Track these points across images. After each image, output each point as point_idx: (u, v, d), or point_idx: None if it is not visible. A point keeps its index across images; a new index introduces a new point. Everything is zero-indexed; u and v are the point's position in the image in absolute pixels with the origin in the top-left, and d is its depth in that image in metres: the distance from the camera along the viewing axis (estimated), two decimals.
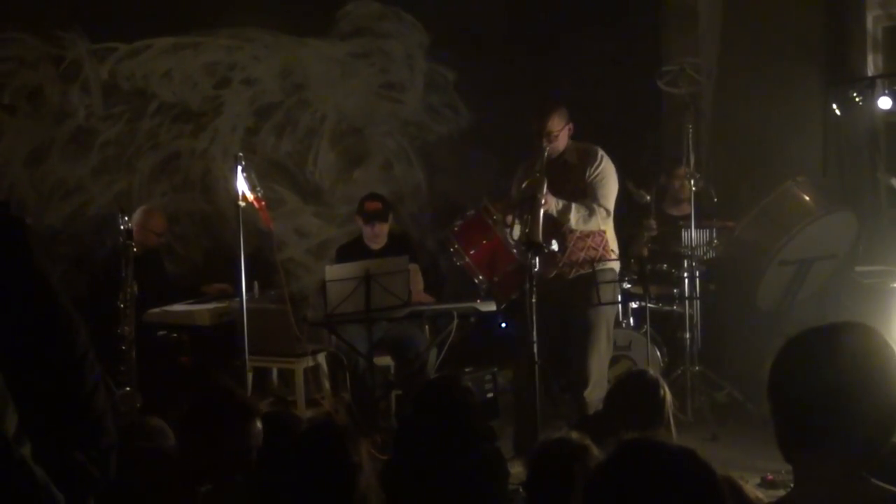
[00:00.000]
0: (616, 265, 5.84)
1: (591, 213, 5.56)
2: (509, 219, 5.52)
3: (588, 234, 5.62)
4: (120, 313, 5.54)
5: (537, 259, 5.09)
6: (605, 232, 5.69)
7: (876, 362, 1.91)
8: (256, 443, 3.18)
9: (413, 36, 7.82)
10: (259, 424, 3.24)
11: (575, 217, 5.51)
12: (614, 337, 6.66)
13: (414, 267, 6.65)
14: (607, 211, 5.63)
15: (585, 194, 5.61)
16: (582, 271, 5.64)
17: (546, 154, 5.51)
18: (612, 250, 5.76)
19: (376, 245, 6.60)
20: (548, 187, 5.43)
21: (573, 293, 5.67)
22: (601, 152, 5.69)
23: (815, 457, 1.92)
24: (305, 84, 7.71)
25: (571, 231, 5.57)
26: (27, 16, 7.04)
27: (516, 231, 5.56)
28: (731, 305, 6.87)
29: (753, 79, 7.22)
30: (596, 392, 5.62)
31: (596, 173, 5.63)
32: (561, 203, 5.48)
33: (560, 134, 5.59)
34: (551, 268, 5.52)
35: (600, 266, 5.67)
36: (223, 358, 6.36)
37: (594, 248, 5.67)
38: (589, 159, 5.65)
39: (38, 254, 2.07)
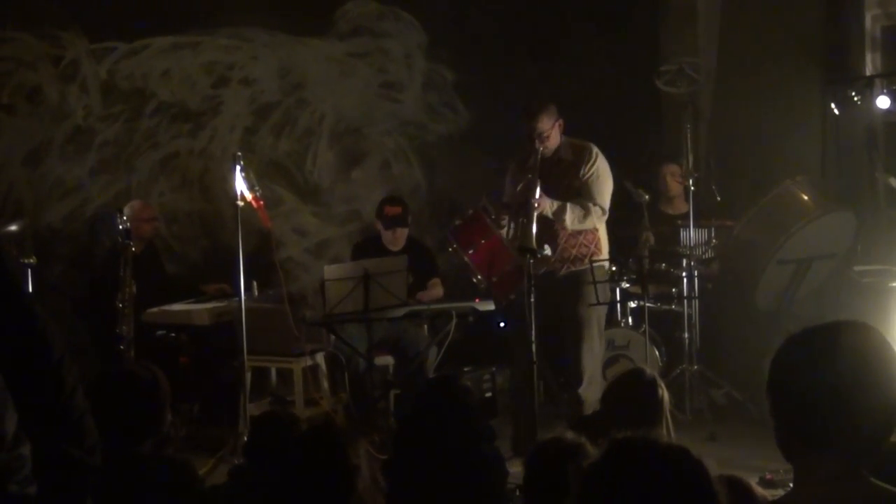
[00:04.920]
0: (607, 263, 5.84)
1: (587, 212, 5.56)
2: (504, 220, 5.53)
3: (580, 232, 5.61)
4: (119, 313, 5.55)
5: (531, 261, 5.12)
6: (597, 230, 5.69)
7: (877, 361, 1.91)
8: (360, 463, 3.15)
9: (412, 35, 7.81)
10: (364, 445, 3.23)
11: (570, 217, 5.51)
12: (613, 337, 6.69)
13: (436, 281, 6.67)
14: (603, 209, 5.63)
15: (580, 192, 5.61)
16: (573, 268, 5.63)
17: (540, 153, 5.51)
18: (604, 248, 5.76)
19: (395, 247, 6.60)
20: (543, 185, 5.43)
21: (564, 290, 5.67)
22: (595, 150, 5.68)
23: (815, 456, 1.91)
24: (304, 83, 7.70)
25: (564, 228, 5.57)
26: (26, 15, 7.03)
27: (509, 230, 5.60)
28: (729, 305, 6.87)
29: (752, 78, 7.23)
30: (591, 389, 5.63)
31: (591, 172, 5.62)
32: (556, 204, 5.48)
33: (551, 132, 5.58)
34: (541, 264, 5.51)
35: (589, 264, 5.67)
36: (222, 358, 6.37)
37: (586, 246, 5.67)
38: (584, 157, 5.64)
39: (8, 263, 2.09)
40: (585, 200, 5.58)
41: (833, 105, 6.58)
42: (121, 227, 5.55)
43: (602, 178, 5.65)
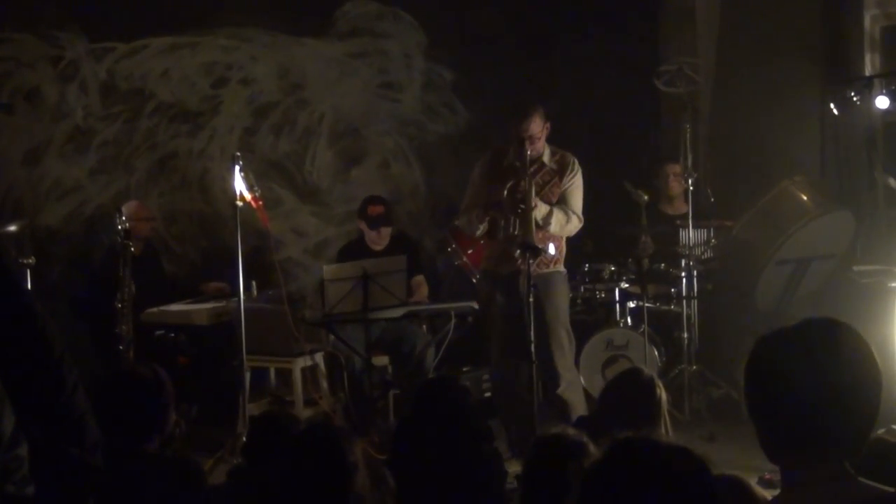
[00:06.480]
0: (564, 268, 5.87)
1: (569, 219, 5.62)
2: (484, 221, 5.59)
3: (549, 236, 5.64)
4: (118, 313, 5.55)
5: (525, 258, 5.16)
6: (562, 237, 5.74)
7: (856, 360, 1.90)
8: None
9: (411, 36, 7.81)
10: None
11: (556, 222, 5.55)
12: (612, 336, 6.71)
13: (419, 279, 6.66)
14: (580, 218, 5.68)
15: (560, 200, 5.65)
16: (539, 271, 5.63)
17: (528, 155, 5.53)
18: (563, 253, 5.81)
19: (378, 247, 6.61)
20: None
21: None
22: (576, 161, 5.75)
23: (801, 458, 1.90)
24: (303, 84, 7.70)
25: (546, 232, 5.60)
26: (25, 15, 7.03)
27: (482, 229, 5.62)
28: (729, 305, 6.87)
29: (751, 78, 7.22)
30: (571, 390, 5.70)
31: (571, 182, 5.70)
32: (545, 208, 5.51)
33: (541, 135, 5.61)
34: (511, 264, 5.56)
35: (555, 268, 5.73)
36: (221, 358, 6.37)
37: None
38: (567, 166, 5.71)
39: (8, 263, 2.09)
40: (566, 208, 5.63)
41: (832, 105, 6.58)
42: (120, 227, 5.55)
43: (580, 188, 5.75)
